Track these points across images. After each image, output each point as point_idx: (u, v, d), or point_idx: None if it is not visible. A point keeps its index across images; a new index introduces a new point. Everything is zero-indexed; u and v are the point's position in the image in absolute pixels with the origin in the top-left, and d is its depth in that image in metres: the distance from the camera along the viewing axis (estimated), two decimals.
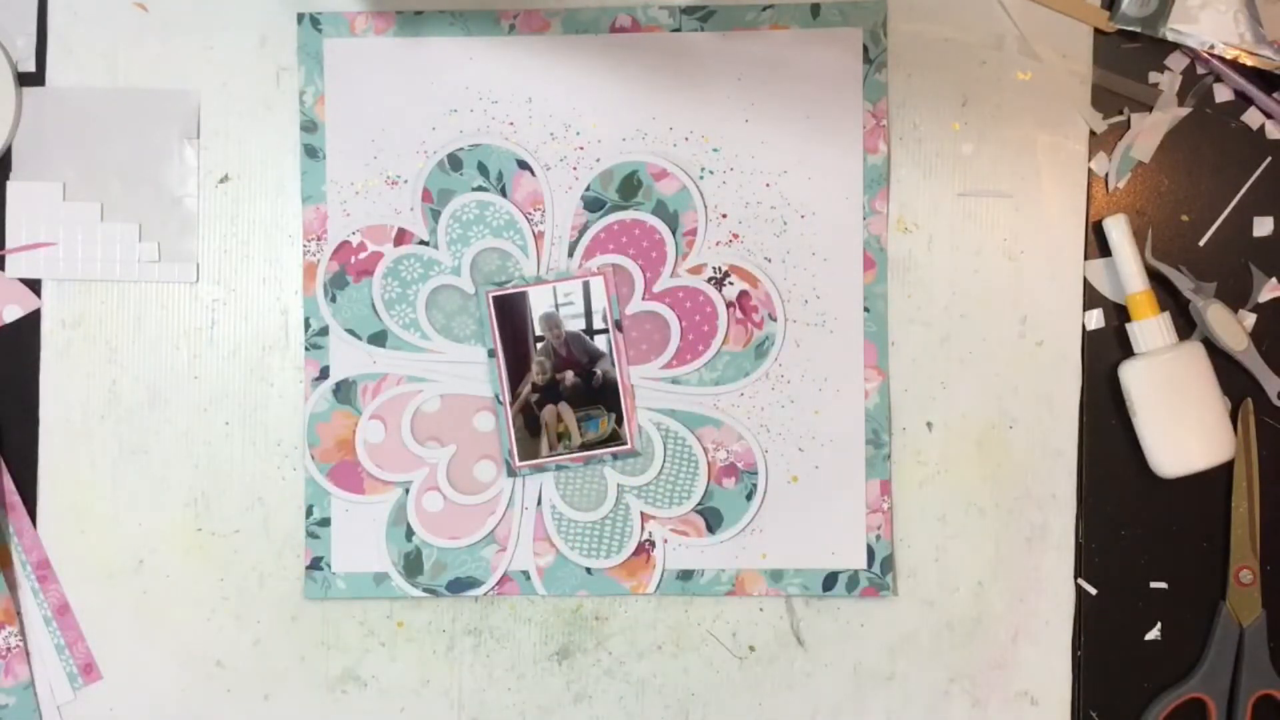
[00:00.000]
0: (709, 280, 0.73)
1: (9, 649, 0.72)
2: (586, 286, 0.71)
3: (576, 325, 0.72)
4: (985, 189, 0.73)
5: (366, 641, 0.73)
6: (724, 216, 0.73)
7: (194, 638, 0.73)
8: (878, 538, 0.72)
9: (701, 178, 0.73)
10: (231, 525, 0.73)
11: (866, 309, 0.73)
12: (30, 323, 0.74)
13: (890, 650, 0.72)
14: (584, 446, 0.72)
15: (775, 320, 0.73)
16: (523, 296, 0.72)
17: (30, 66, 0.74)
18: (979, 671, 0.73)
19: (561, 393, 0.72)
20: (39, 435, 0.73)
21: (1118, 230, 0.71)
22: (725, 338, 0.73)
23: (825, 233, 0.73)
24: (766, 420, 0.73)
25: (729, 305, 0.73)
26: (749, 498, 0.73)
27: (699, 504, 0.73)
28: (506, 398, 0.72)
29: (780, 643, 0.73)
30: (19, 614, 0.73)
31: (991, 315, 0.73)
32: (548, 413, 0.72)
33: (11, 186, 0.73)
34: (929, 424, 0.73)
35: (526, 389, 0.72)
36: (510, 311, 0.72)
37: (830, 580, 0.73)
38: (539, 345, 0.72)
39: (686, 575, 0.73)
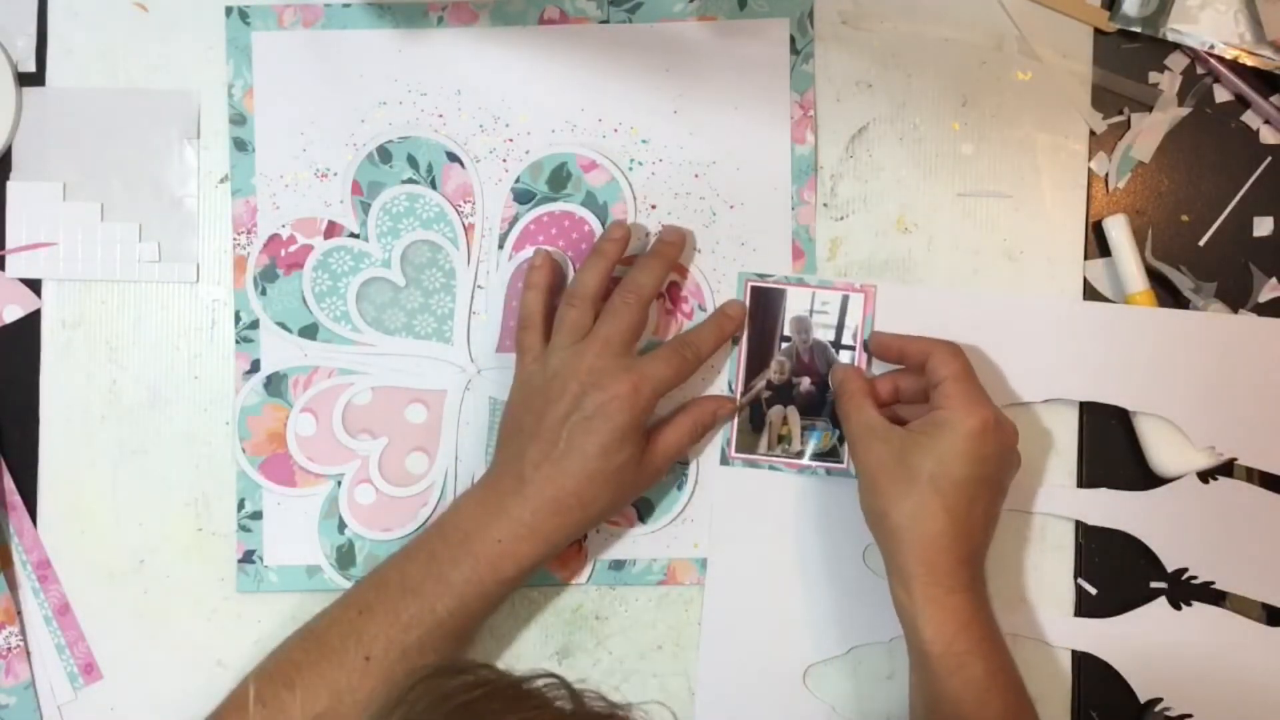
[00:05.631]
0: None
1: (9, 649, 0.72)
2: (845, 300, 0.71)
3: (826, 335, 0.71)
4: (985, 189, 0.73)
5: None
6: (653, 207, 0.73)
7: (194, 638, 0.73)
8: None
9: (630, 169, 0.73)
10: (231, 525, 0.73)
11: None
12: (30, 323, 0.74)
13: (890, 650, 0.72)
14: (800, 455, 0.72)
15: (705, 310, 0.73)
16: (780, 294, 0.72)
17: (30, 66, 0.74)
18: None
19: (794, 397, 0.72)
20: (39, 435, 0.73)
21: (1118, 230, 0.71)
22: (655, 328, 0.73)
23: (754, 223, 0.73)
24: None
25: (658, 296, 0.72)
26: (680, 487, 0.73)
27: None
28: (739, 387, 0.72)
29: None
30: (19, 614, 0.73)
31: None
32: (775, 413, 0.72)
33: (11, 186, 0.73)
34: None
35: (761, 384, 0.72)
36: (764, 305, 0.72)
37: None
38: (783, 345, 0.72)
39: (619, 565, 0.73)
